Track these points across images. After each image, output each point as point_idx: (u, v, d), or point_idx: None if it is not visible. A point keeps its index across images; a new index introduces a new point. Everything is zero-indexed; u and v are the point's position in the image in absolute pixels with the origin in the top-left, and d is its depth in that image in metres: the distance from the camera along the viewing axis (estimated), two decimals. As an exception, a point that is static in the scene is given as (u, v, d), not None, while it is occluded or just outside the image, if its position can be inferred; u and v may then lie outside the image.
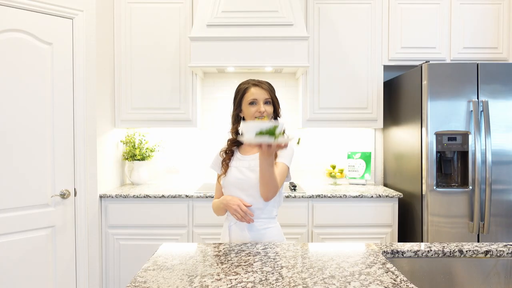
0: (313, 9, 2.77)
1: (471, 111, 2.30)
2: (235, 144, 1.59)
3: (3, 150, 2.03)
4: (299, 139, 1.14)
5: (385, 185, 3.05)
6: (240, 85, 1.57)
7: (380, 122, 2.80)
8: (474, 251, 1.32)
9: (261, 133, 1.15)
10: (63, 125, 2.25)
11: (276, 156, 1.49)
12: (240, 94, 1.54)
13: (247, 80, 1.56)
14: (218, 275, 1.07)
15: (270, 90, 1.54)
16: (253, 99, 1.49)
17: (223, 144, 1.64)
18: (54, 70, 2.21)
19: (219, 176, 1.60)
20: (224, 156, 1.58)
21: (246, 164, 1.52)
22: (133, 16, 2.74)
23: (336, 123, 2.81)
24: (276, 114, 1.57)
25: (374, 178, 3.11)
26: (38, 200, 2.16)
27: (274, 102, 1.54)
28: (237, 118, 1.58)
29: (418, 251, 1.31)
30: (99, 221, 2.45)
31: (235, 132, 1.59)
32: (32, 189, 2.13)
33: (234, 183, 1.51)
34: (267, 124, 1.16)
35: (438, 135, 2.31)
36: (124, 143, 2.94)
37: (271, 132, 1.15)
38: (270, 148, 1.24)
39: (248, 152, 1.56)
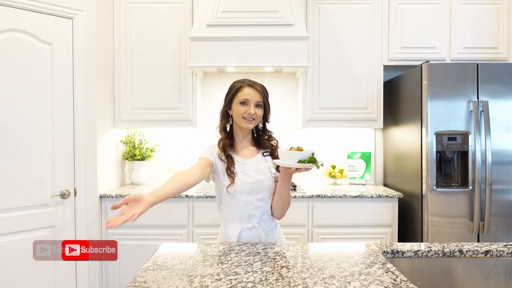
0: (313, 9, 2.77)
1: (471, 111, 2.30)
2: (228, 144, 1.50)
3: (3, 150, 2.03)
4: (322, 164, 1.18)
5: (385, 185, 3.05)
6: (234, 82, 1.53)
7: (380, 122, 2.80)
8: (474, 251, 1.32)
9: (303, 161, 1.29)
10: (63, 125, 2.25)
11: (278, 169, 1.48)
12: (233, 91, 1.50)
13: (243, 79, 1.53)
14: (218, 275, 1.07)
15: (264, 93, 1.51)
16: (245, 99, 1.46)
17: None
18: (54, 70, 2.21)
19: (203, 159, 1.46)
20: (227, 162, 1.47)
21: (253, 168, 1.48)
22: (133, 16, 2.74)
23: (336, 123, 2.81)
24: (265, 120, 1.55)
25: (374, 178, 3.11)
26: (38, 200, 2.15)
27: (265, 106, 1.51)
28: (226, 115, 1.55)
29: (418, 251, 1.31)
30: (99, 221, 2.45)
31: (223, 129, 1.56)
32: (32, 189, 2.13)
33: (244, 189, 1.45)
34: (306, 153, 1.29)
35: (438, 135, 2.31)
36: (124, 143, 2.94)
37: (314, 160, 1.29)
38: (296, 171, 1.33)
39: (249, 156, 1.52)
